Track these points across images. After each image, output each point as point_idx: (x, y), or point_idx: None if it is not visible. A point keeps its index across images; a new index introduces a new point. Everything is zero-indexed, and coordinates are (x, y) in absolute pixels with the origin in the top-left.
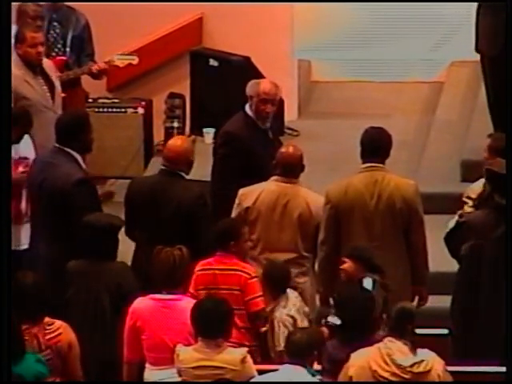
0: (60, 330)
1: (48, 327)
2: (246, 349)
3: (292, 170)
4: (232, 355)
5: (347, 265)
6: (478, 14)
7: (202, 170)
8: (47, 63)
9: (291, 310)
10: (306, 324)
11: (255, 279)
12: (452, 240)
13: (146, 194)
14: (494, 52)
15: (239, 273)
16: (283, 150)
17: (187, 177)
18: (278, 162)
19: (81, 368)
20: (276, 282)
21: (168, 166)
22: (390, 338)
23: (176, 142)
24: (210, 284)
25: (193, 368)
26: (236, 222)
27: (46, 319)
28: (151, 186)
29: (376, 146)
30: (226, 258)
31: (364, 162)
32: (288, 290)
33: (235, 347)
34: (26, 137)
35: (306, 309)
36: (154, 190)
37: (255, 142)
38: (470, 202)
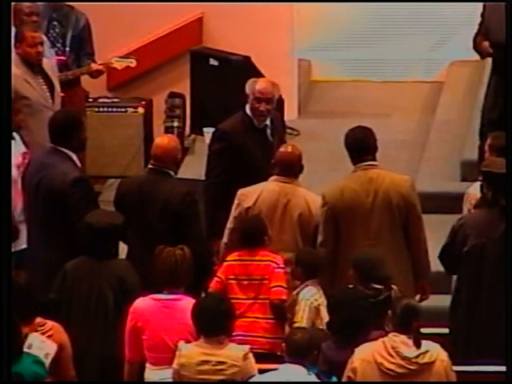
0: (51, 332)
1: (39, 328)
2: (248, 346)
3: (291, 169)
4: (234, 351)
5: (350, 273)
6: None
7: (202, 169)
8: (47, 63)
9: (320, 297)
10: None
11: (282, 269)
12: (448, 252)
13: (134, 195)
14: (494, 116)
15: (268, 262)
16: (282, 149)
17: (177, 176)
18: (277, 162)
19: (73, 368)
20: (306, 266)
21: (155, 165)
22: (394, 333)
23: (163, 140)
24: (240, 274)
25: (196, 363)
26: (261, 217)
27: (38, 319)
28: (139, 186)
29: (362, 144)
30: (256, 250)
31: (355, 164)
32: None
33: (264, 338)
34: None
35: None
36: (142, 189)
37: (248, 141)
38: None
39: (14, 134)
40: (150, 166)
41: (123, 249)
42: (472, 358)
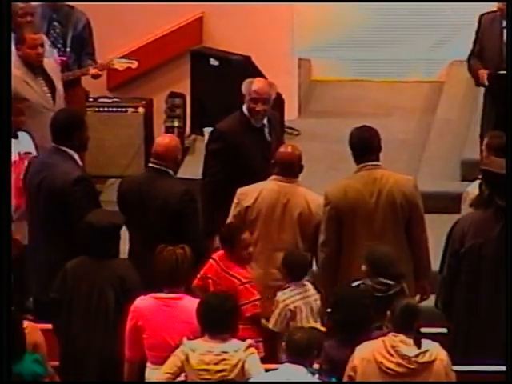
0: (26, 331)
1: None
2: (251, 340)
3: (291, 169)
4: (236, 343)
5: (363, 268)
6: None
7: (201, 169)
8: (49, 64)
9: (302, 299)
10: (311, 322)
11: (247, 285)
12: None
13: (134, 193)
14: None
15: (232, 278)
16: (282, 149)
17: (177, 175)
18: (277, 162)
19: (51, 367)
20: (291, 268)
21: (155, 163)
22: (393, 333)
23: (163, 139)
24: (214, 276)
25: (199, 353)
26: (233, 229)
27: None
28: (139, 184)
29: (367, 144)
30: (228, 258)
31: (358, 164)
32: (311, 287)
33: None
34: (24, 134)
35: (319, 302)
36: (142, 188)
37: (246, 141)
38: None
39: (20, 134)
40: (150, 165)
41: (124, 249)
42: (471, 358)
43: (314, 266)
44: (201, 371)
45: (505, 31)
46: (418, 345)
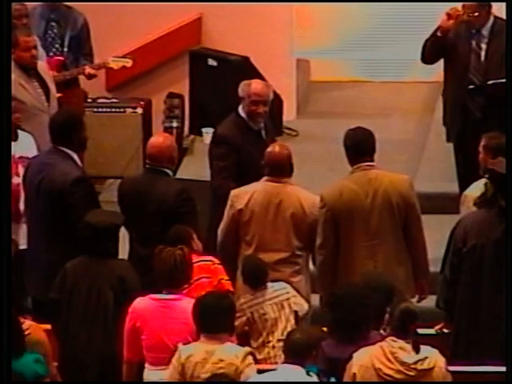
0: (29, 330)
1: None
2: (250, 349)
3: (281, 169)
4: (234, 351)
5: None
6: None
7: (201, 169)
8: (42, 66)
9: (266, 305)
10: (290, 318)
11: (219, 265)
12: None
13: (132, 193)
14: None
15: (202, 262)
16: (270, 149)
17: (176, 175)
18: (267, 163)
19: (54, 367)
20: (250, 277)
21: (151, 164)
22: (392, 338)
23: (158, 139)
24: None
25: (196, 362)
26: (181, 228)
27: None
28: (136, 184)
29: (362, 146)
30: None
31: (353, 165)
32: (272, 285)
33: None
34: (26, 135)
35: (294, 299)
36: (138, 189)
37: (246, 143)
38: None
39: (22, 136)
40: (146, 166)
41: (123, 249)
42: (472, 358)
43: (312, 266)
44: (197, 379)
45: (474, 38)
46: (417, 348)
